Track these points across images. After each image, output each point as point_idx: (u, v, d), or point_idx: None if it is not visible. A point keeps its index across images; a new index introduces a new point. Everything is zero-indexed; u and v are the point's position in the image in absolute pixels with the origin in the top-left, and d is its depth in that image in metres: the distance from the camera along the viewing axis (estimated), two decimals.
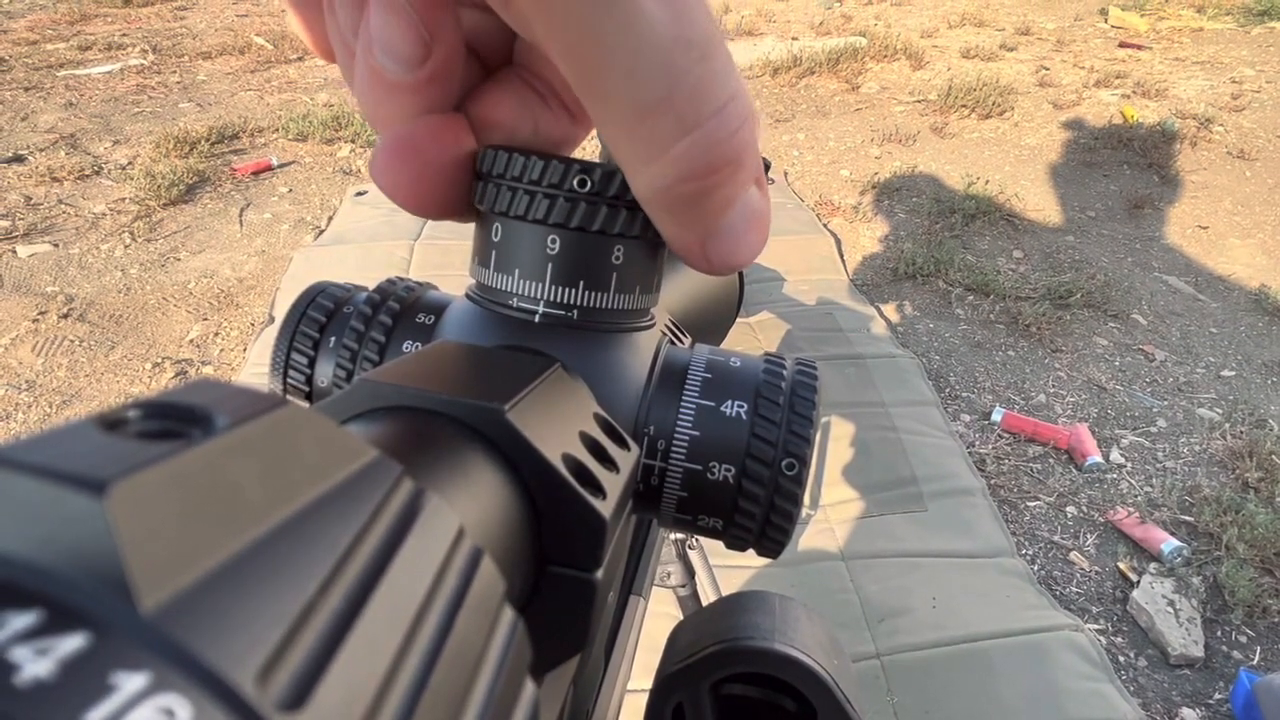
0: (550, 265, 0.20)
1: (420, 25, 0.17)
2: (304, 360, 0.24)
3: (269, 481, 0.09)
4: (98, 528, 0.07)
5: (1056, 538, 1.35)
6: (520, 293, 0.20)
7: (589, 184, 0.19)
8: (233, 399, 0.09)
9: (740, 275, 0.37)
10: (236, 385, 0.10)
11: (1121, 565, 1.30)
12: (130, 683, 0.06)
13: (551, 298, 0.20)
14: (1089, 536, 1.36)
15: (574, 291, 0.20)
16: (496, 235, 0.21)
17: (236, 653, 0.07)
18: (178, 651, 0.06)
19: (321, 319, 0.24)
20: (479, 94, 0.20)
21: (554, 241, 0.20)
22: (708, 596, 1.11)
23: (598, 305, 0.21)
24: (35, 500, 0.07)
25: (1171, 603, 1.22)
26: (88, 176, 2.38)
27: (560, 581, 0.16)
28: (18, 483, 0.07)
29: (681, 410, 0.21)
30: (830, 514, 1.28)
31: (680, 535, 0.98)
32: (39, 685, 0.06)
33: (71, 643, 0.06)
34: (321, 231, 2.09)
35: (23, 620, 0.06)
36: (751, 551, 0.22)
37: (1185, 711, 1.10)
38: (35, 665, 0.06)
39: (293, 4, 0.19)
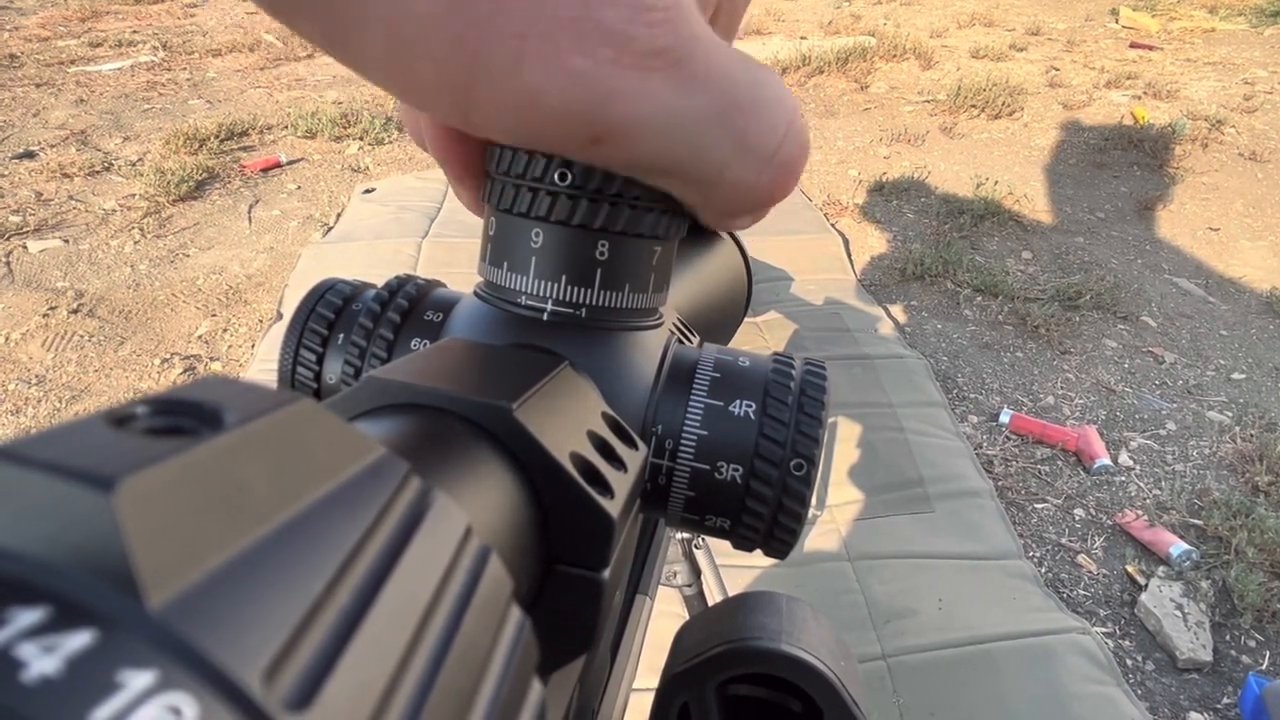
0: (548, 261, 0.20)
1: (472, 191, 0.22)
2: (312, 357, 0.24)
3: (277, 479, 0.09)
4: (105, 524, 0.07)
5: (1064, 540, 1.35)
6: (528, 290, 0.20)
7: (569, 177, 0.19)
8: (241, 396, 0.09)
9: (749, 274, 0.37)
10: (245, 382, 0.10)
11: (1129, 568, 1.29)
12: (137, 680, 0.06)
13: (558, 295, 0.20)
14: (1097, 539, 1.35)
15: (578, 289, 0.20)
16: (499, 231, 0.21)
17: (243, 651, 0.07)
18: (184, 649, 0.06)
19: (330, 316, 0.24)
20: None
21: (545, 236, 0.20)
22: (714, 596, 1.11)
23: (605, 304, 0.21)
24: (43, 496, 0.07)
25: (1180, 606, 1.21)
26: (98, 173, 2.40)
27: (567, 580, 0.16)
28: (26, 478, 0.07)
29: (690, 409, 0.21)
30: (837, 515, 1.28)
31: (687, 535, 0.98)
32: (45, 682, 0.06)
33: (78, 640, 0.06)
34: (330, 229, 2.10)
35: (30, 617, 0.06)
36: (758, 552, 0.22)
37: (1193, 716, 1.10)
38: (42, 662, 0.06)
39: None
